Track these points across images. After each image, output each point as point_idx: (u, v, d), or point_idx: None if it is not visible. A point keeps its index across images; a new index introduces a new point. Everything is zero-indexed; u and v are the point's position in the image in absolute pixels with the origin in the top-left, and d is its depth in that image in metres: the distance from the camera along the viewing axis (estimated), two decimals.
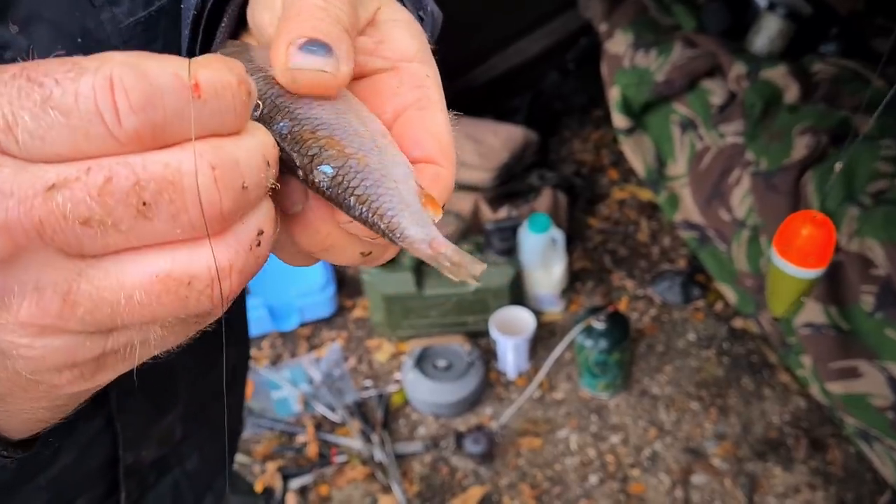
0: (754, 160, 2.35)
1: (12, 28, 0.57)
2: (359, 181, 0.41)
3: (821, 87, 2.45)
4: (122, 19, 0.64)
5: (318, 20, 0.43)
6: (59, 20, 0.60)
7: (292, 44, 0.42)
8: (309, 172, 0.41)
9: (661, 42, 2.72)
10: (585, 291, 3.02)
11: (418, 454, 2.57)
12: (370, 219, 0.40)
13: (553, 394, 2.71)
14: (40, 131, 0.33)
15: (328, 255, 0.46)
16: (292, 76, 0.42)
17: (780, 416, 2.58)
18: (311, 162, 0.41)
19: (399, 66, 0.48)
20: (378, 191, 0.41)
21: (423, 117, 0.46)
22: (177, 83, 0.34)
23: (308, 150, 0.41)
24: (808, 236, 0.99)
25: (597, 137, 3.61)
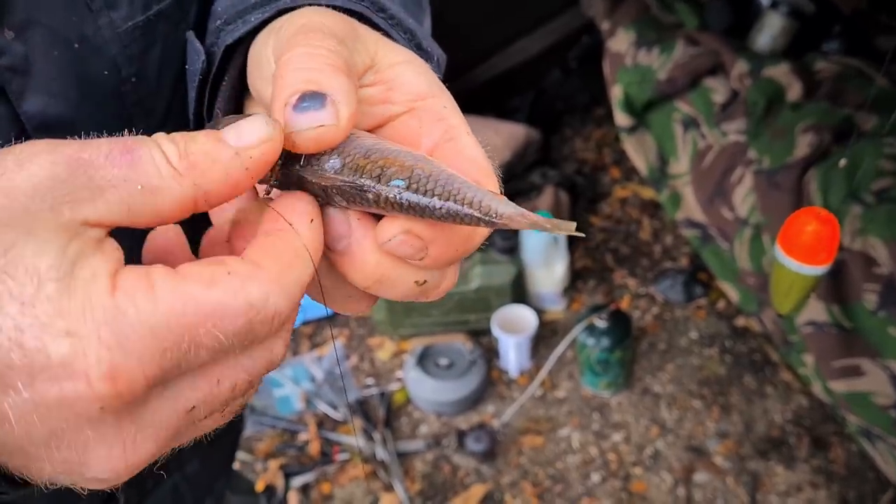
0: (757, 158, 2.35)
1: (7, 34, 0.57)
2: (434, 183, 0.41)
3: (824, 85, 2.45)
4: (119, 24, 0.63)
5: (307, 70, 0.43)
6: (55, 25, 0.60)
7: (287, 105, 0.43)
8: (380, 191, 0.42)
9: (663, 40, 2.72)
10: (587, 290, 3.01)
11: (420, 452, 2.57)
12: (461, 211, 0.41)
13: (555, 392, 2.71)
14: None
15: (382, 288, 0.46)
16: (292, 141, 0.43)
17: (782, 414, 2.58)
18: (379, 181, 0.42)
19: (415, 107, 0.48)
20: (455, 185, 0.41)
21: (455, 147, 0.46)
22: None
23: (372, 173, 0.42)
24: (813, 233, 0.99)
25: (598, 136, 3.61)
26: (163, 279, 0.37)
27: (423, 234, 0.44)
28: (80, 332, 0.34)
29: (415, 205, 0.41)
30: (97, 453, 0.37)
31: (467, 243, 0.45)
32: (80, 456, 0.37)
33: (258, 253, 0.40)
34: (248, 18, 0.56)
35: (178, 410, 0.39)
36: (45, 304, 0.34)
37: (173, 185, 0.39)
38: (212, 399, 0.40)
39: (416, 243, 0.44)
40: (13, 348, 0.34)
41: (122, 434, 0.37)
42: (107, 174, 0.38)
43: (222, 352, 0.38)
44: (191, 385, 0.39)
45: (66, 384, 0.34)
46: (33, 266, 0.35)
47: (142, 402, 0.37)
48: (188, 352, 0.37)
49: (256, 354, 0.41)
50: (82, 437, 0.36)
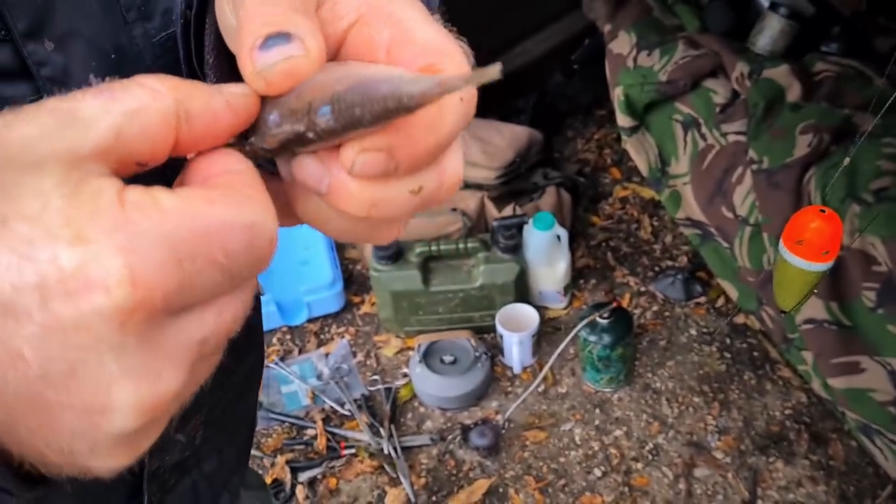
0: (757, 158, 2.39)
1: (48, 45, 0.58)
2: (353, 94, 0.38)
3: (823, 86, 2.48)
4: (153, 34, 0.65)
5: (267, 15, 0.41)
6: (93, 37, 0.61)
7: (252, 49, 0.40)
8: (315, 126, 0.40)
9: (664, 42, 2.76)
10: (588, 288, 3.05)
11: (425, 447, 2.61)
12: (380, 110, 0.38)
13: (557, 388, 2.74)
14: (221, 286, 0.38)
15: (382, 210, 0.43)
16: (263, 79, 0.40)
17: (781, 410, 2.62)
18: (309, 116, 0.40)
19: (362, 13, 0.44)
20: (371, 85, 0.38)
21: (405, 38, 0.42)
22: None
23: (303, 111, 0.40)
24: (816, 230, 1.03)
25: (600, 137, 3.65)
26: (165, 195, 0.35)
27: (379, 146, 0.40)
28: (92, 238, 0.32)
29: (346, 123, 0.39)
30: (123, 392, 0.34)
31: (436, 131, 0.41)
32: (103, 398, 0.34)
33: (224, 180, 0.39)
34: None
35: (192, 341, 0.36)
36: (53, 215, 0.32)
37: (153, 104, 0.37)
38: (217, 331, 0.38)
39: (379, 157, 0.40)
40: (23, 264, 0.32)
41: (147, 363, 0.34)
42: (88, 108, 0.36)
43: (229, 275, 0.36)
44: (200, 314, 0.37)
45: (83, 298, 0.32)
46: (38, 187, 0.33)
47: (161, 324, 0.35)
48: (202, 269, 0.35)
49: (247, 287, 0.39)
50: (105, 371, 0.33)
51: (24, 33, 0.57)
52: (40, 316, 0.32)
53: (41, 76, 0.59)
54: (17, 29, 0.57)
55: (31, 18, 0.57)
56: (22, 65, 0.58)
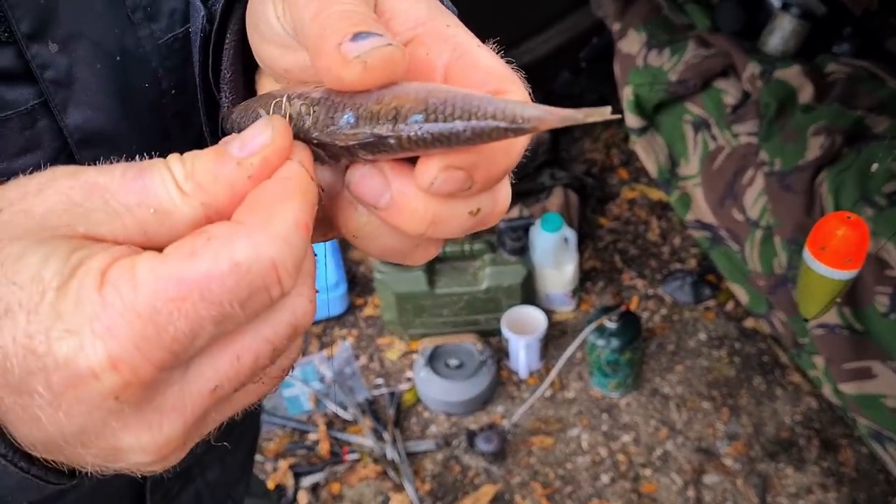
0: (768, 160, 2.35)
1: (52, 47, 0.57)
2: (451, 107, 0.38)
3: (835, 87, 2.45)
4: (160, 36, 0.64)
5: (351, 15, 0.41)
6: (98, 38, 0.60)
7: (341, 43, 0.40)
8: (401, 133, 0.39)
9: (674, 42, 2.72)
10: (596, 291, 3.02)
11: (430, 452, 2.57)
12: (486, 126, 0.38)
13: (564, 393, 2.71)
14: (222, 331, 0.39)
15: (438, 229, 0.43)
16: (363, 63, 0.39)
17: (791, 416, 2.58)
18: (395, 123, 0.39)
19: (417, 34, 0.45)
20: (474, 102, 0.38)
21: (468, 62, 0.43)
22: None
23: (387, 116, 0.39)
24: (843, 237, 0.99)
25: (607, 137, 3.61)
26: (143, 263, 0.37)
27: (462, 165, 0.40)
28: (76, 330, 0.35)
29: (438, 135, 0.38)
30: (127, 441, 0.38)
31: (510, 156, 0.42)
32: (113, 444, 0.38)
33: (242, 211, 0.39)
34: None
35: (201, 391, 0.39)
36: (47, 309, 0.36)
37: (183, 208, 0.39)
38: (235, 375, 0.39)
39: (459, 176, 0.41)
40: (27, 355, 0.36)
41: (144, 420, 0.38)
42: (122, 199, 0.39)
43: (228, 322, 0.37)
44: (209, 364, 0.39)
45: (78, 382, 0.36)
46: (38, 274, 0.37)
47: (159, 387, 0.38)
48: (187, 329, 0.36)
49: (274, 318, 0.40)
50: (108, 428, 0.37)
51: (27, 35, 0.56)
52: (48, 394, 0.37)
53: (45, 79, 0.57)
54: (20, 30, 0.55)
55: (35, 20, 0.56)
56: (25, 67, 0.57)
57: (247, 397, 0.43)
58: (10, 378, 0.37)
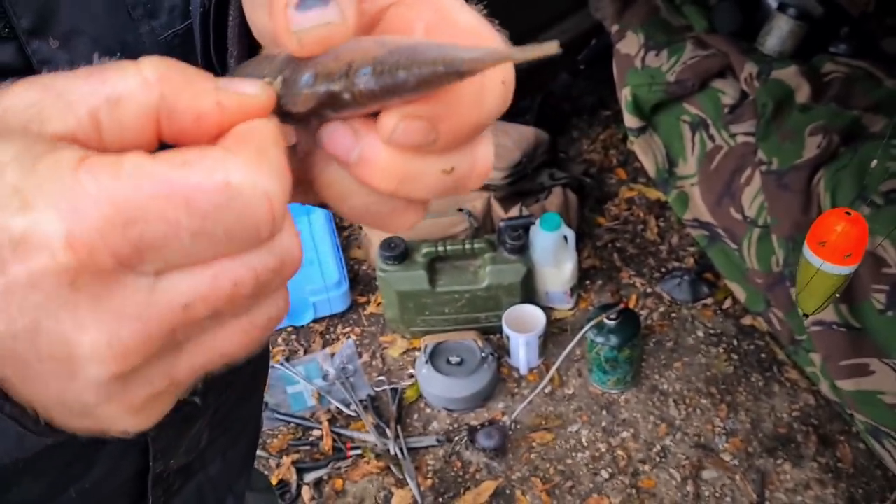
0: (766, 159, 2.38)
1: (53, 43, 0.57)
2: (397, 57, 0.37)
3: (832, 87, 2.48)
4: (160, 32, 0.64)
5: None
6: (99, 34, 0.60)
7: (288, 5, 0.39)
8: (353, 88, 0.38)
9: (672, 43, 2.75)
10: (595, 289, 3.04)
11: (432, 448, 2.60)
12: (428, 74, 0.37)
13: (564, 389, 2.73)
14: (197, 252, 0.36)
15: (410, 187, 0.42)
16: (298, 40, 0.39)
17: (789, 412, 2.61)
18: (347, 76, 0.38)
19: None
20: (419, 51, 0.37)
21: (448, 22, 0.41)
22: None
23: (341, 72, 0.39)
24: (842, 233, 1.02)
25: (605, 137, 3.64)
26: (133, 159, 0.34)
27: (423, 114, 0.39)
28: (37, 205, 0.33)
29: (386, 87, 0.37)
30: (81, 344, 0.34)
31: (480, 108, 0.40)
32: (66, 349, 0.34)
33: (229, 140, 0.37)
34: None
35: (168, 303, 0.35)
36: (4, 186, 0.33)
37: (138, 94, 0.36)
38: (210, 294, 0.35)
39: (420, 126, 0.39)
40: None
41: (100, 318, 0.34)
42: (76, 89, 0.36)
43: (207, 242, 0.35)
44: (183, 279, 0.35)
45: (32, 259, 0.33)
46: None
47: (116, 280, 0.34)
48: (164, 231, 0.33)
49: (262, 251, 0.37)
50: (62, 326, 0.34)
51: (28, 31, 0.56)
52: (3, 279, 0.33)
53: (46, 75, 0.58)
54: (21, 26, 0.56)
55: (35, 16, 0.56)
56: (26, 63, 0.57)
57: (226, 337, 0.39)
58: None
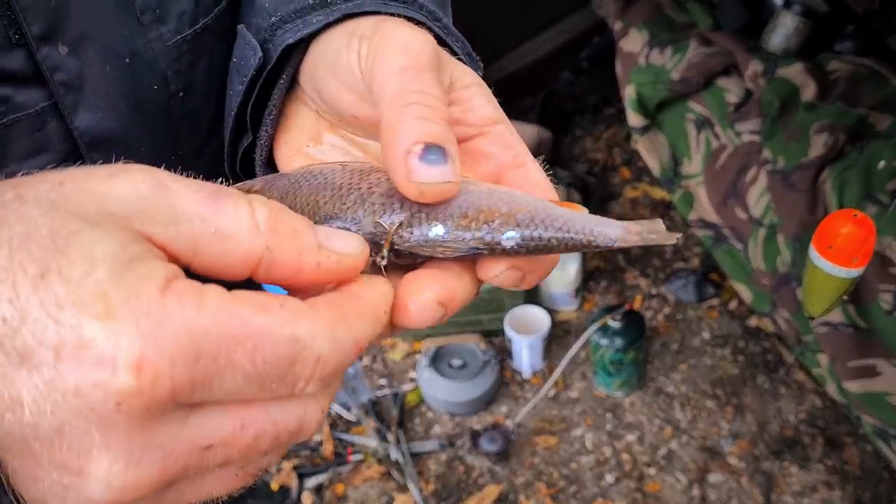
0: (771, 158, 2.35)
1: (62, 49, 0.58)
2: (539, 222, 0.45)
3: (838, 85, 2.44)
4: (168, 38, 0.65)
5: (427, 120, 0.46)
6: (108, 40, 0.61)
7: (410, 153, 0.44)
8: (496, 245, 0.45)
9: (676, 40, 2.72)
10: (599, 290, 3.01)
11: (434, 453, 2.57)
12: (577, 241, 0.45)
13: (568, 392, 2.71)
14: (239, 391, 0.37)
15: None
16: (419, 190, 0.45)
17: (795, 414, 2.58)
18: (492, 238, 0.45)
19: (485, 132, 0.51)
20: (559, 219, 0.45)
21: (525, 173, 0.50)
22: (354, 351, 0.40)
23: (478, 231, 0.45)
24: (849, 235, 0.99)
25: (608, 136, 3.61)
26: (215, 293, 0.36)
27: (523, 267, 0.47)
28: (119, 318, 0.33)
29: (532, 248, 0.45)
30: (98, 462, 0.34)
31: (554, 262, 0.49)
32: (81, 462, 0.35)
33: (319, 300, 0.40)
34: (310, 20, 0.57)
35: (193, 442, 0.36)
36: (91, 286, 0.33)
37: (246, 238, 0.39)
38: (232, 443, 0.37)
39: (517, 276, 0.47)
40: (49, 324, 0.33)
41: (129, 445, 0.35)
42: (188, 208, 0.38)
43: (257, 384, 0.36)
44: (214, 419, 0.37)
45: (91, 369, 0.33)
46: (89, 251, 0.34)
47: (159, 416, 0.35)
48: (222, 370, 0.35)
49: (289, 408, 0.39)
50: (88, 439, 0.34)
51: (38, 37, 0.56)
52: (49, 373, 0.33)
53: (55, 81, 0.58)
54: (32, 32, 0.56)
55: (46, 22, 0.56)
56: (35, 69, 0.57)
57: (219, 480, 0.40)
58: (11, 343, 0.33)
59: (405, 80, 0.48)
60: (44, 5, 0.56)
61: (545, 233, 0.45)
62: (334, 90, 0.54)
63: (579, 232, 0.45)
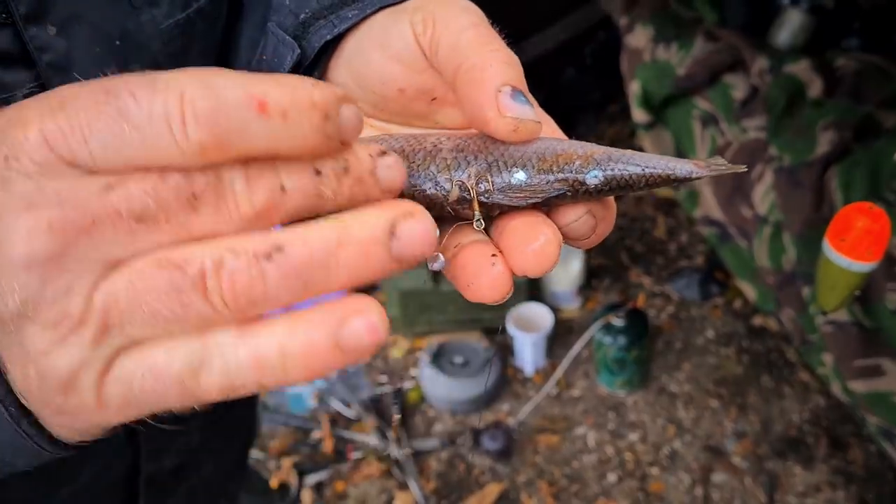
0: (777, 155, 2.33)
1: (50, 29, 0.56)
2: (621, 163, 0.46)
3: (844, 81, 2.42)
4: (161, 21, 0.63)
5: (513, 67, 0.47)
6: (98, 22, 0.59)
7: (501, 92, 0.45)
8: (580, 185, 0.46)
9: (682, 36, 2.69)
10: (602, 288, 2.99)
11: (435, 451, 2.55)
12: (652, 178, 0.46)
13: (570, 391, 2.69)
14: (114, 143, 0.34)
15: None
16: (514, 125, 0.45)
17: (799, 414, 2.56)
18: (577, 177, 0.46)
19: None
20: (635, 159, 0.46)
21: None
22: (244, 100, 0.34)
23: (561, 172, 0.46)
24: (863, 229, 0.97)
25: (612, 133, 3.59)
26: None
27: (597, 213, 0.47)
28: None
29: (615, 186, 0.46)
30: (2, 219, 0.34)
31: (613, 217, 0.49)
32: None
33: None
34: (344, 14, 0.56)
35: (88, 185, 0.34)
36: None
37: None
38: (129, 179, 0.34)
39: (592, 222, 0.47)
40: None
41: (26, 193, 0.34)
42: None
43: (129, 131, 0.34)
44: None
45: None
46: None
47: (50, 170, 0.34)
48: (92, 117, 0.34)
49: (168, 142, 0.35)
50: None
51: (25, 16, 0.55)
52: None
53: (42, 62, 0.57)
54: (19, 12, 0.54)
55: (34, 2, 0.55)
56: (23, 50, 0.56)
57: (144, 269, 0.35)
58: None
59: (480, 32, 0.49)
60: None
61: (627, 169, 0.46)
62: (381, 66, 0.53)
63: (657, 167, 0.46)
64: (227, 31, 0.72)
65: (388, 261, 0.37)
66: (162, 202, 0.34)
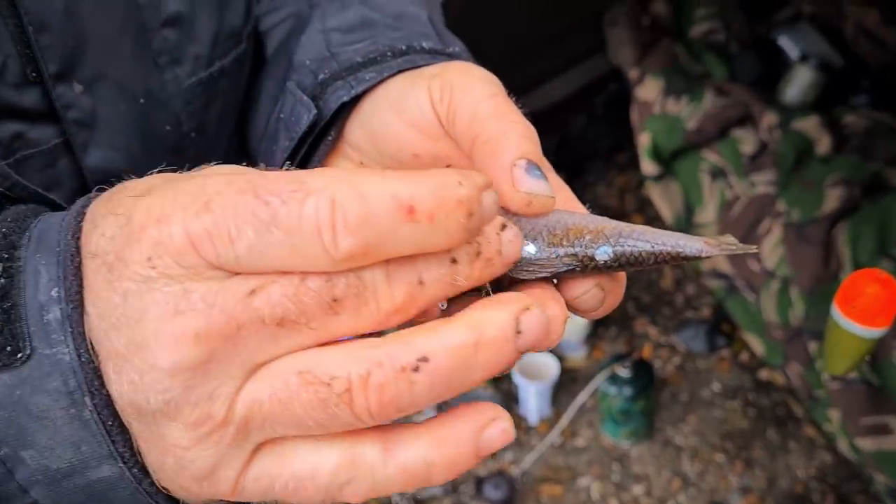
0: (786, 210, 2.34)
1: (77, 87, 0.57)
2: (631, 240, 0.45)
3: (853, 138, 2.44)
4: (183, 79, 0.65)
5: (530, 140, 0.47)
6: (123, 80, 0.61)
7: (516, 165, 0.46)
8: (589, 261, 0.45)
9: (692, 89, 2.72)
10: (608, 338, 2.99)
11: (437, 498, 2.53)
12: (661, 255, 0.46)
13: (574, 441, 2.67)
14: (260, 247, 0.35)
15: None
16: (527, 200, 0.45)
17: (805, 470, 2.54)
18: (586, 252, 0.45)
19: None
20: (646, 236, 0.46)
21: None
22: (393, 207, 0.35)
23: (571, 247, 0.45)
24: (873, 295, 0.97)
25: (622, 182, 3.60)
26: None
27: (606, 286, 0.47)
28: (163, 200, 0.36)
29: (625, 262, 0.46)
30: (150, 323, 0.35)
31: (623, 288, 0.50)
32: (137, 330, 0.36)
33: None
34: (362, 76, 0.57)
35: (235, 291, 0.35)
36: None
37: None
38: (272, 285, 0.36)
39: (600, 295, 0.47)
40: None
41: (170, 296, 0.35)
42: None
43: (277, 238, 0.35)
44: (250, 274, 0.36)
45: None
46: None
47: (193, 273, 0.35)
48: (238, 221, 0.35)
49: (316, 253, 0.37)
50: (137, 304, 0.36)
51: (54, 75, 0.56)
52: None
53: (68, 119, 0.57)
54: (49, 71, 0.55)
55: (63, 61, 0.56)
56: (49, 107, 0.57)
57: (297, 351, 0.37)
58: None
59: (498, 103, 0.49)
60: (62, 44, 0.55)
61: (637, 245, 0.45)
62: (396, 130, 0.54)
63: (667, 244, 0.46)
64: (249, 87, 0.73)
65: (515, 355, 0.39)
66: (303, 307, 0.36)
